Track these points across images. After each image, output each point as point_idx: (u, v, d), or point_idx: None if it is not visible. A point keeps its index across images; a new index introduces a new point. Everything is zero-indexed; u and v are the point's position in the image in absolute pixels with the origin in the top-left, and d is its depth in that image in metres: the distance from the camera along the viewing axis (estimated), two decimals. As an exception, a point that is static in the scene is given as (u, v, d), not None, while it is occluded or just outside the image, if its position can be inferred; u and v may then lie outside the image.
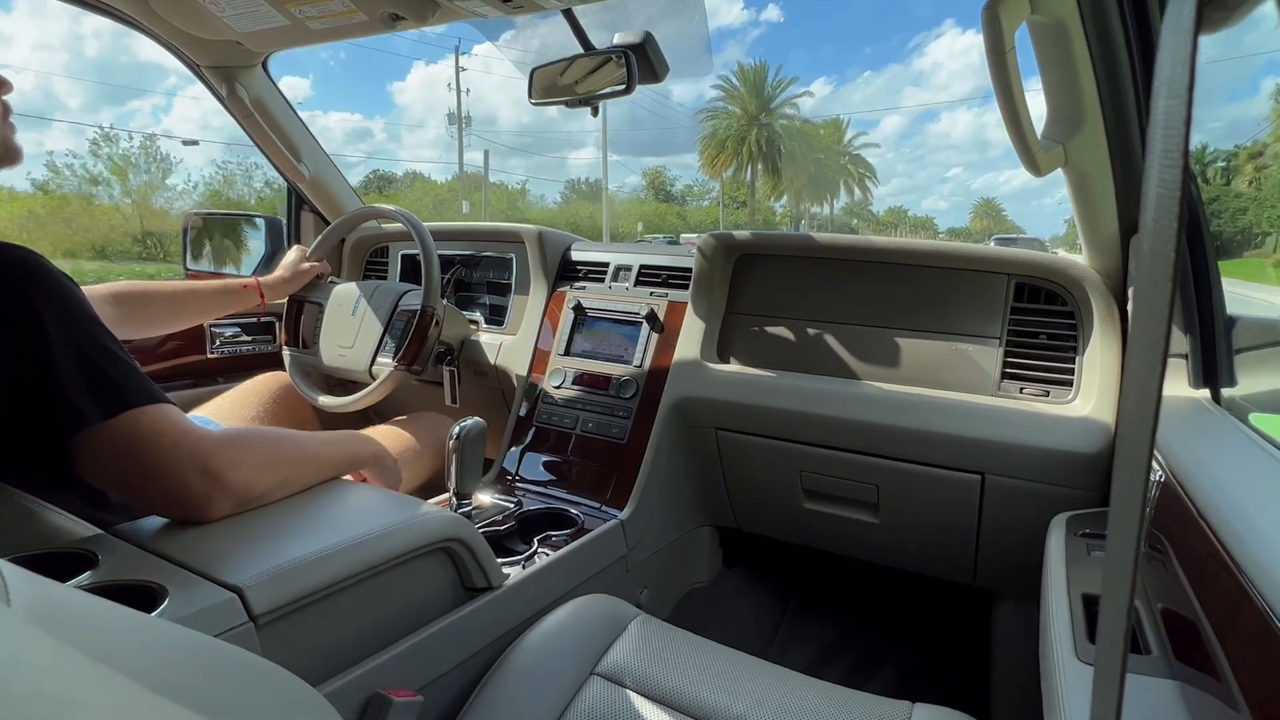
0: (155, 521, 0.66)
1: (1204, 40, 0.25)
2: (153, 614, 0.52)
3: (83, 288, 0.67)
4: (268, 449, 0.72)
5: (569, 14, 1.11)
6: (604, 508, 1.17)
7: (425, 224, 1.36)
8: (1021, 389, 1.05)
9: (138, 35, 1.27)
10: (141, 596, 0.55)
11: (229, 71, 1.40)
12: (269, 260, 1.60)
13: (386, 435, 1.25)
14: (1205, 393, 0.84)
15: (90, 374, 0.61)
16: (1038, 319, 1.07)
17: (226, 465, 0.65)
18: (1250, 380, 0.85)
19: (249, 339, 1.57)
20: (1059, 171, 0.88)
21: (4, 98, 0.71)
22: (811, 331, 1.20)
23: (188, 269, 1.71)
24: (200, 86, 1.44)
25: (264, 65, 1.44)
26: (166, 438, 0.63)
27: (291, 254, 1.45)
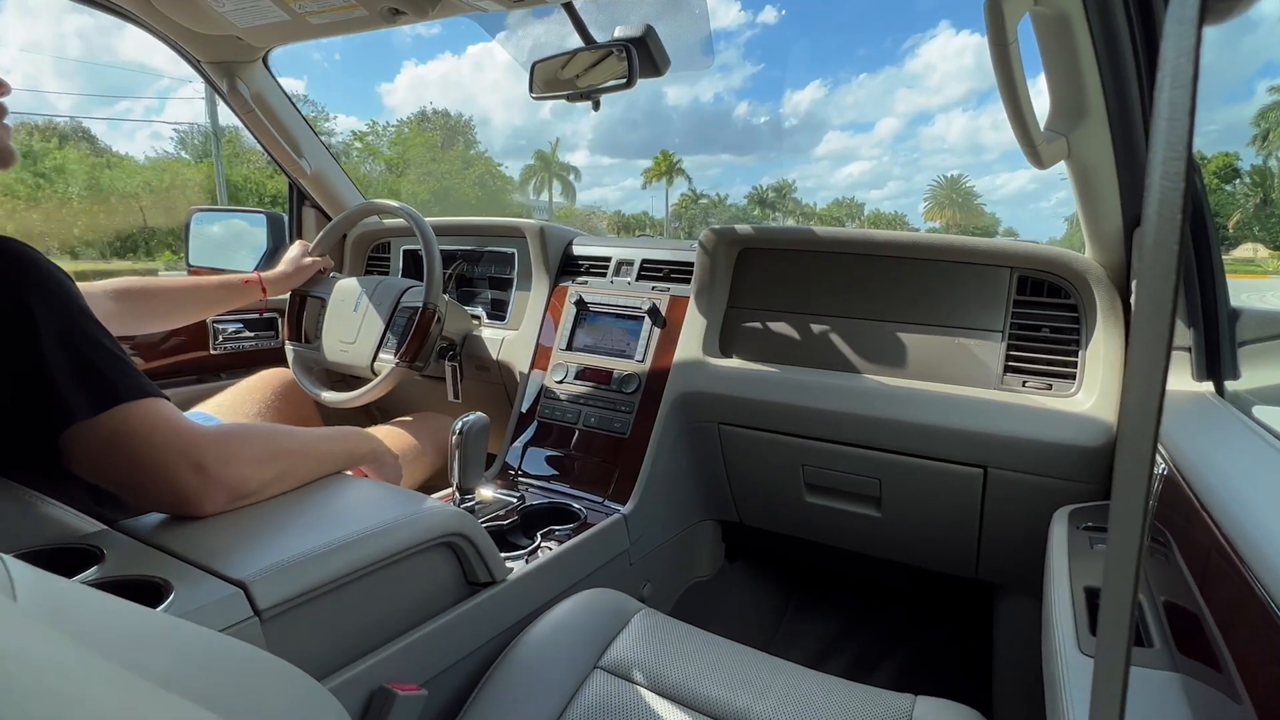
0: (160, 516, 0.66)
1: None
2: (158, 609, 0.52)
3: (83, 285, 0.66)
4: (262, 444, 0.71)
5: (569, 8, 1.10)
6: (607, 502, 1.17)
7: (427, 219, 1.36)
8: (1024, 383, 1.05)
9: (123, 35, 1.27)
10: (147, 592, 0.55)
11: (229, 67, 1.39)
12: (271, 255, 1.61)
13: (387, 435, 1.25)
14: (1209, 386, 0.84)
15: (81, 368, 0.61)
16: (1040, 312, 1.06)
17: (219, 460, 0.65)
18: (1254, 373, 0.85)
19: (252, 335, 1.58)
20: (1058, 174, 0.88)
21: (1, 99, 0.70)
22: (814, 326, 1.20)
23: (190, 264, 1.71)
24: (192, 89, 1.44)
25: (265, 61, 1.43)
26: (158, 433, 0.62)
27: (294, 249, 1.46)
